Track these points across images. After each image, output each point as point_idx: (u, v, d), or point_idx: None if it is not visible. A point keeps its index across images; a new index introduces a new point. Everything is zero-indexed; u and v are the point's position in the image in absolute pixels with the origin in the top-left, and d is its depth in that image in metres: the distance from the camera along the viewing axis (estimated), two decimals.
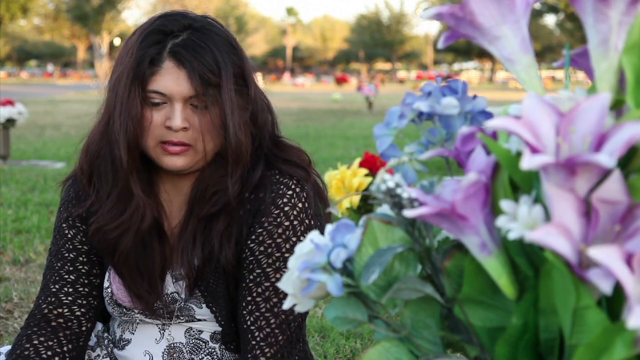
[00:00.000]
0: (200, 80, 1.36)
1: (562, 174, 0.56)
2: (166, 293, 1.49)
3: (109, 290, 1.51)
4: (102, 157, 1.44)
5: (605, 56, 0.63)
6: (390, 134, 0.71)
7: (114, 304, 1.51)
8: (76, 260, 1.51)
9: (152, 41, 1.38)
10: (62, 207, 1.55)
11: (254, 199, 1.44)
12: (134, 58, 1.37)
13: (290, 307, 0.69)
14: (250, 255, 1.43)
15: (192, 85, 1.36)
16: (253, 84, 1.44)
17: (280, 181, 1.44)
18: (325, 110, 18.70)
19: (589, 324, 0.57)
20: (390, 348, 0.67)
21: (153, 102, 1.38)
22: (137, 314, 1.50)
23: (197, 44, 1.38)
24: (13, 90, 24.73)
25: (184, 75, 1.36)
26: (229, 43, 1.41)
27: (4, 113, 7.58)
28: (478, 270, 0.63)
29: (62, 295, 1.50)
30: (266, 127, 1.46)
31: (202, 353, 1.51)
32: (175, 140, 1.38)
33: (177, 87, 1.37)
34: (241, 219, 1.44)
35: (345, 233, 0.68)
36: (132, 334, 1.55)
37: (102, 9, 47.87)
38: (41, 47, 77.31)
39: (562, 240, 0.54)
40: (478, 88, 40.77)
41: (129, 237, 1.44)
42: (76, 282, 1.51)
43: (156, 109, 1.39)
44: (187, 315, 1.49)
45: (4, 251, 4.04)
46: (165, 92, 1.37)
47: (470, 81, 56.77)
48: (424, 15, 0.66)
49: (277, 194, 1.43)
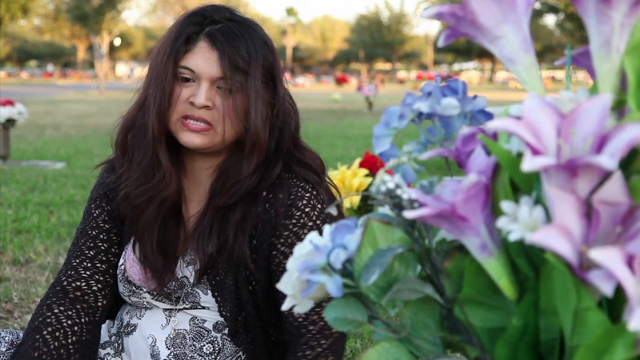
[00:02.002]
0: (229, 63, 1.44)
1: (563, 175, 0.55)
2: (176, 277, 1.55)
3: (122, 267, 1.58)
4: (137, 127, 1.52)
5: (608, 57, 0.63)
6: (389, 134, 0.71)
7: (125, 281, 1.58)
8: (97, 237, 1.60)
9: (192, 22, 1.48)
10: (94, 189, 1.65)
11: (272, 198, 1.50)
12: (173, 35, 1.47)
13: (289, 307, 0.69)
14: (284, 258, 1.49)
15: (221, 68, 1.44)
16: (280, 84, 1.51)
17: (297, 184, 1.50)
18: (325, 110, 18.71)
19: (590, 326, 0.57)
20: (390, 348, 0.67)
21: (183, 77, 1.46)
22: (145, 292, 1.56)
23: (233, 31, 1.46)
24: (13, 90, 24.75)
25: (215, 56, 1.45)
26: (264, 41, 1.50)
27: (4, 113, 7.58)
28: (478, 271, 0.63)
29: (81, 269, 1.57)
30: (287, 128, 1.53)
31: (203, 341, 1.55)
32: (196, 116, 1.45)
33: (207, 67, 1.45)
34: (258, 215, 1.50)
35: (345, 234, 0.68)
36: (139, 319, 1.60)
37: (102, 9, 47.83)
38: (41, 47, 77.33)
39: (563, 242, 0.54)
40: (478, 88, 40.80)
41: (153, 206, 1.51)
42: (95, 258, 1.58)
43: (185, 85, 1.47)
44: (192, 301, 1.55)
45: (4, 251, 4.04)
46: (195, 69, 1.45)
47: (470, 81, 56.84)
48: (424, 15, 0.66)
49: (295, 196, 1.49)
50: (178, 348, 1.55)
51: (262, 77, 1.46)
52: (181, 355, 1.55)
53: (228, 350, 1.56)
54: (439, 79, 0.71)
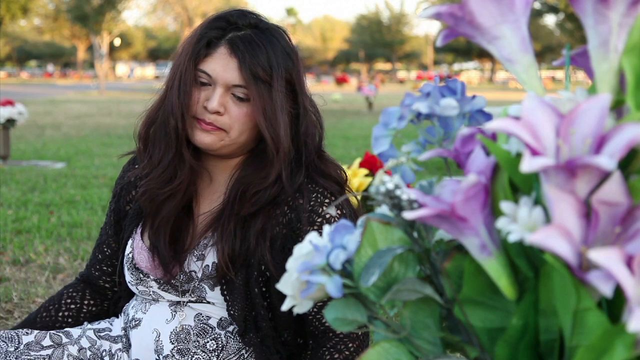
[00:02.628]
0: (248, 73, 1.45)
1: (562, 176, 0.55)
2: (184, 271, 1.57)
3: (130, 256, 1.62)
4: (159, 124, 1.54)
5: (606, 57, 0.63)
6: (388, 134, 0.71)
7: (133, 269, 1.61)
8: (108, 239, 1.73)
9: (216, 26, 1.50)
10: (115, 185, 1.74)
11: (293, 204, 1.51)
12: (196, 37, 1.49)
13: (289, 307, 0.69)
14: None
15: (239, 76, 1.46)
16: (303, 94, 1.53)
17: (317, 190, 1.52)
18: (325, 110, 18.63)
19: (590, 326, 0.57)
20: (390, 349, 0.67)
21: (200, 81, 1.49)
22: (152, 280, 1.59)
23: (254, 40, 1.47)
24: (13, 91, 24.75)
25: (234, 64, 1.46)
26: (286, 51, 1.51)
27: (4, 113, 7.57)
28: (478, 271, 0.63)
29: (93, 270, 1.75)
30: (312, 138, 1.55)
31: (207, 337, 1.57)
32: (207, 121, 1.48)
33: (224, 73, 1.47)
34: (277, 218, 1.51)
35: (344, 234, 0.68)
36: (144, 313, 1.62)
37: (102, 9, 47.81)
38: (41, 47, 77.30)
39: (562, 243, 0.54)
40: (478, 88, 40.78)
41: (174, 202, 1.55)
42: (102, 261, 1.73)
43: (202, 88, 1.49)
44: (198, 295, 1.56)
45: (4, 251, 4.04)
46: (212, 74, 1.47)
47: (470, 81, 56.80)
48: (423, 15, 0.66)
49: (316, 202, 1.51)
50: (182, 343, 1.57)
51: (283, 89, 1.47)
52: (184, 350, 1.56)
53: (231, 347, 1.57)
54: (437, 80, 0.71)
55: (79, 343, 1.61)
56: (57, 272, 3.62)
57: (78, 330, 1.64)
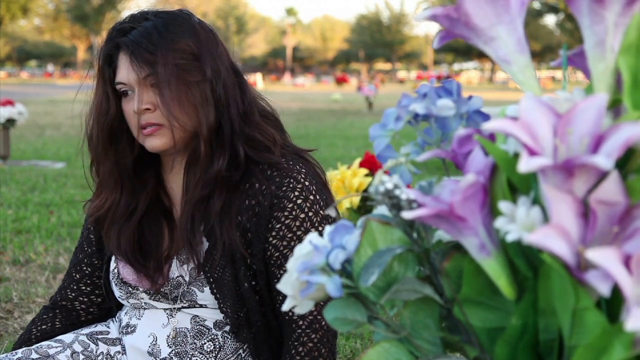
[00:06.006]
0: (139, 60, 1.45)
1: (560, 175, 0.56)
2: (172, 277, 1.56)
3: (116, 271, 1.61)
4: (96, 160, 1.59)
5: (602, 57, 0.63)
6: (386, 135, 0.71)
7: (121, 283, 1.60)
8: (82, 261, 1.69)
9: (107, 40, 1.51)
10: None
11: (265, 190, 1.48)
12: (100, 60, 1.52)
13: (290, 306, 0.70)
14: (276, 251, 1.50)
15: (138, 67, 1.45)
16: (211, 61, 1.48)
17: (289, 175, 1.49)
18: (325, 110, 18.69)
19: (588, 325, 0.57)
20: (390, 349, 0.67)
21: (122, 90, 1.49)
22: (142, 292, 1.58)
23: (138, 31, 1.47)
24: (13, 90, 24.71)
25: (129, 60, 1.46)
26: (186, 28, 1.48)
27: (4, 113, 7.58)
28: (477, 271, 0.63)
29: (68, 291, 1.71)
30: (233, 103, 1.50)
31: (204, 339, 1.56)
32: (144, 123, 1.47)
33: (128, 74, 1.47)
34: (247, 207, 1.49)
35: (344, 234, 0.68)
36: (138, 319, 1.62)
37: (102, 9, 47.85)
38: (41, 47, 77.27)
39: (560, 243, 0.54)
40: (478, 88, 40.74)
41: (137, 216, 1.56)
42: (80, 281, 1.69)
43: (128, 98, 1.49)
44: (189, 299, 1.56)
45: (4, 251, 4.04)
46: (124, 80, 1.48)
47: (470, 81, 56.73)
48: (419, 17, 0.66)
49: (287, 188, 1.48)
50: (179, 346, 1.56)
51: (177, 60, 1.44)
52: (182, 353, 1.56)
53: (229, 348, 1.56)
54: (433, 80, 0.71)
55: (71, 347, 1.59)
56: (57, 272, 3.62)
57: (71, 336, 1.62)
